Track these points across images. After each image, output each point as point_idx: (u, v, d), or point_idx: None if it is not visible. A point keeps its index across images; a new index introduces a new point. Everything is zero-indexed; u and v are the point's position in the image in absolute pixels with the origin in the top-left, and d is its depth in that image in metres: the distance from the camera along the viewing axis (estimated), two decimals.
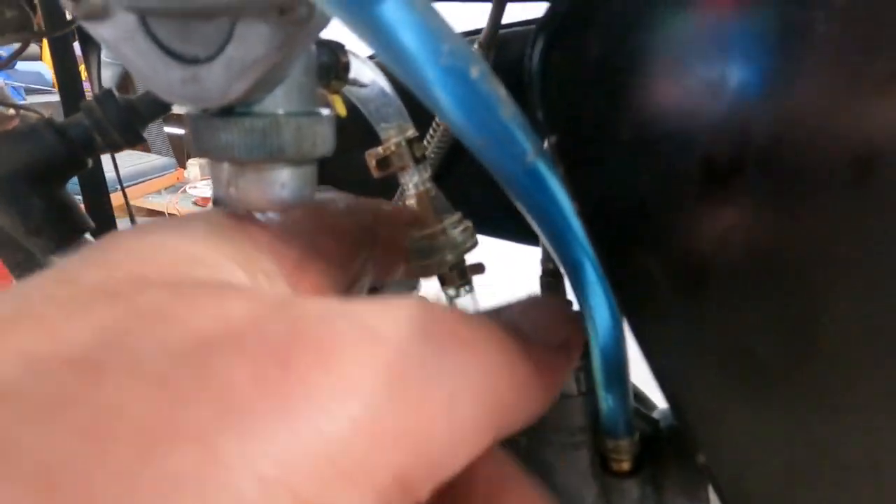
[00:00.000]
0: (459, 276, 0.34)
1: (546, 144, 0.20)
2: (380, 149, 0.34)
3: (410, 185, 0.33)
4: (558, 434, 0.36)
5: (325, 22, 0.19)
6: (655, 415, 0.38)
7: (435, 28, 0.14)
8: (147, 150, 3.08)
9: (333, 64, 0.29)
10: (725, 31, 0.19)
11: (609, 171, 0.19)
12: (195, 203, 2.76)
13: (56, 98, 0.89)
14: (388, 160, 0.34)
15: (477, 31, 0.47)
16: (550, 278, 0.37)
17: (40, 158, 0.37)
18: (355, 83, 0.31)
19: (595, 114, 0.19)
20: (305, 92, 0.23)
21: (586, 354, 0.34)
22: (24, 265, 0.60)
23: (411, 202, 0.34)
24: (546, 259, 0.37)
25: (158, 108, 0.40)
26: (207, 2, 0.18)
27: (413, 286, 0.50)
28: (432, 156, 0.47)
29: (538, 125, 0.18)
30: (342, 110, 0.34)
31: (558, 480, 0.37)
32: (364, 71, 0.32)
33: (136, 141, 0.39)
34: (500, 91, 0.16)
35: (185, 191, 2.83)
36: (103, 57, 0.88)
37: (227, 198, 0.25)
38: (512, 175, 0.18)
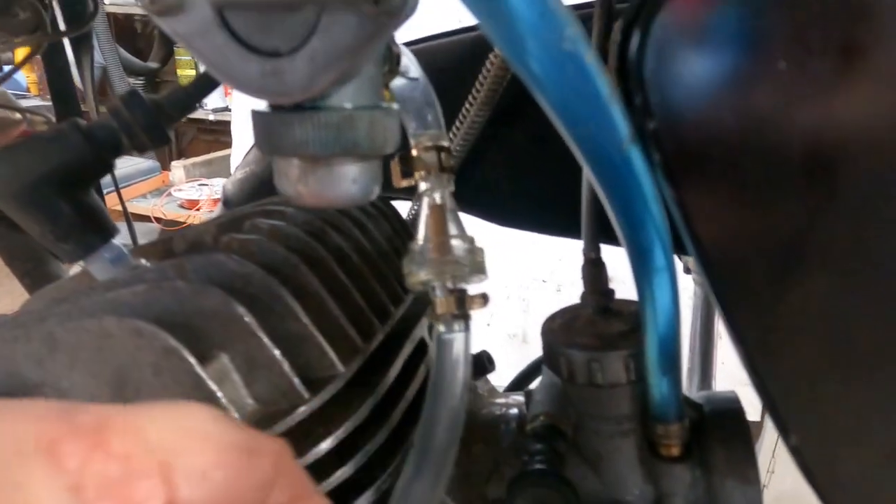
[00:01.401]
0: (457, 304, 0.31)
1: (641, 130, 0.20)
2: (409, 153, 0.32)
3: (428, 195, 0.32)
4: (606, 423, 0.36)
5: (412, 11, 0.19)
6: (699, 399, 0.38)
7: (560, 11, 0.14)
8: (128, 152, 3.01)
9: (388, 55, 0.28)
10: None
11: (712, 161, 0.19)
12: (181, 206, 2.72)
13: (33, 103, 0.86)
14: (415, 166, 0.32)
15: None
16: (593, 267, 0.37)
17: (68, 162, 0.36)
18: (405, 75, 0.31)
19: (696, 102, 0.19)
20: (375, 85, 0.23)
21: (637, 342, 0.34)
22: (34, 274, 0.58)
23: (423, 212, 0.32)
24: (589, 249, 0.37)
25: (185, 107, 0.39)
26: None
27: None
28: (458, 148, 0.47)
29: (634, 111, 0.18)
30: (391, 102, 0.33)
31: (605, 468, 0.37)
32: (411, 66, 0.31)
33: (162, 142, 0.38)
34: (607, 78, 0.16)
35: (170, 194, 2.78)
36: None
37: (295, 195, 0.24)
38: (607, 160, 0.18)
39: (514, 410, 0.43)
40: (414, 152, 0.33)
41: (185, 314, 0.30)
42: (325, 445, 0.31)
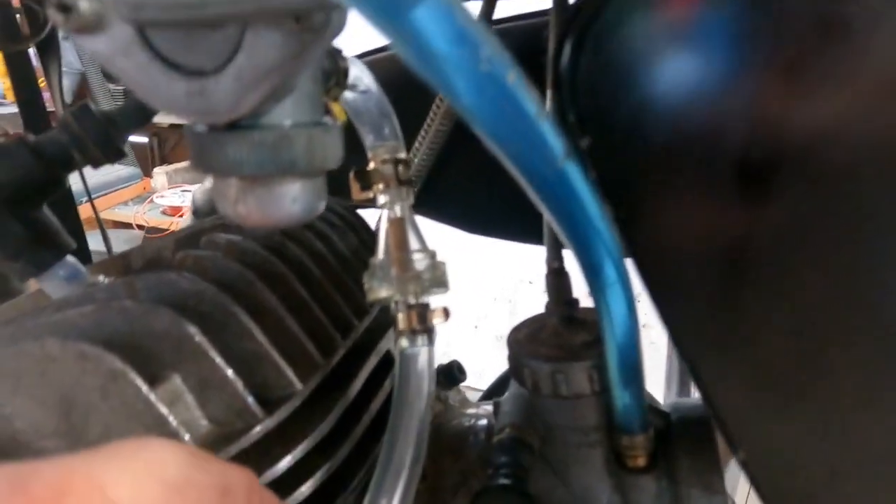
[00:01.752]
0: (419, 319, 0.31)
1: (575, 147, 0.20)
2: (366, 167, 0.32)
3: (388, 209, 0.31)
4: (573, 434, 0.36)
5: (339, 29, 0.18)
6: (666, 408, 0.38)
7: (474, 33, 0.13)
8: None
9: (333, 70, 0.28)
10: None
11: (644, 172, 0.19)
12: (164, 212, 2.69)
13: (10, 110, 0.85)
14: (372, 179, 0.32)
15: None
16: (556, 277, 0.37)
17: (15, 179, 0.35)
18: (354, 88, 0.30)
19: (628, 116, 0.18)
20: (314, 101, 0.22)
21: (599, 354, 0.33)
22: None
23: (384, 227, 0.31)
24: (552, 258, 0.36)
25: (138, 120, 0.38)
26: (215, 10, 0.17)
27: None
28: (424, 157, 0.46)
29: (568, 127, 0.18)
30: (342, 116, 0.33)
31: (573, 480, 0.37)
32: (362, 78, 0.31)
33: (116, 156, 0.37)
34: (534, 95, 0.15)
35: (152, 200, 2.75)
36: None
37: (234, 216, 0.23)
38: (542, 178, 0.18)
39: (483, 421, 0.42)
40: (371, 165, 0.33)
41: (136, 335, 0.29)
42: (284, 464, 0.31)
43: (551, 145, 0.17)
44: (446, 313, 0.32)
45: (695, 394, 0.77)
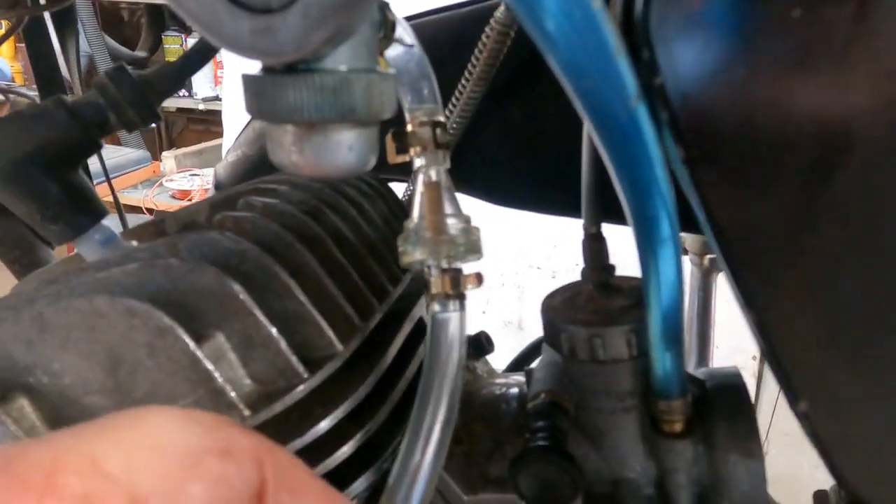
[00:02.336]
0: (451, 284, 0.30)
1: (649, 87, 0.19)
2: (404, 129, 0.31)
3: (423, 173, 0.31)
4: (608, 399, 0.36)
5: None
6: (700, 375, 0.38)
7: None
8: (118, 143, 2.98)
9: (382, 21, 0.28)
10: None
11: (721, 121, 0.19)
12: (173, 196, 2.69)
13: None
14: (409, 142, 0.32)
15: None
16: (593, 242, 0.37)
17: (54, 140, 0.35)
18: (402, 42, 0.30)
19: (707, 56, 0.18)
20: (370, 48, 0.22)
21: (638, 318, 0.33)
22: (23, 261, 0.57)
23: (419, 189, 0.31)
24: (590, 223, 0.36)
25: (174, 83, 0.38)
26: None
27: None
28: (454, 126, 0.46)
29: (642, 66, 0.18)
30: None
31: (607, 446, 0.37)
32: (406, 35, 0.30)
33: (152, 119, 0.37)
34: (614, 27, 0.15)
35: (161, 184, 2.75)
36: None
37: (289, 165, 0.23)
38: (613, 118, 0.17)
39: (515, 390, 0.43)
40: (409, 127, 0.32)
41: (180, 293, 0.29)
42: (324, 425, 0.31)
43: (626, 82, 0.16)
44: (479, 279, 0.32)
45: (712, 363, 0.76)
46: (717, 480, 0.35)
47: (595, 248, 0.36)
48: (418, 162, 0.32)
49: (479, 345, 0.47)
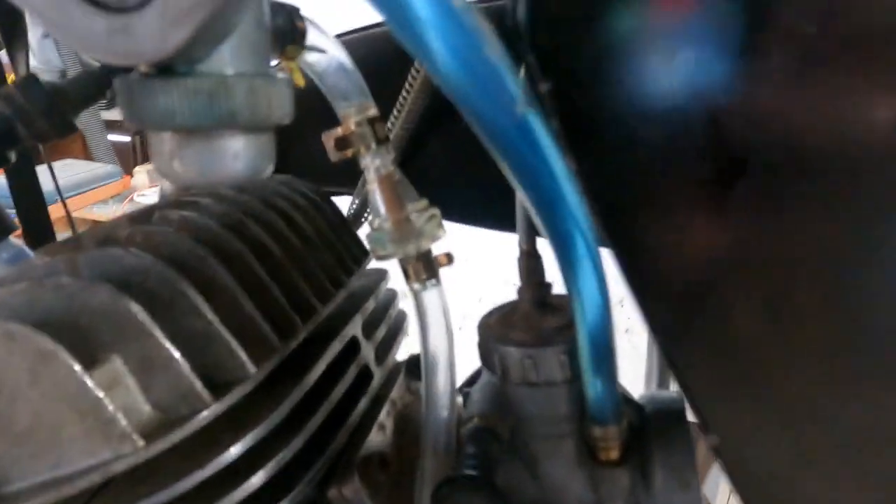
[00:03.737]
0: (425, 268, 0.32)
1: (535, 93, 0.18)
2: (339, 129, 0.31)
3: (372, 169, 0.31)
4: (543, 424, 0.34)
5: None
6: (640, 400, 0.36)
7: None
8: (91, 158, 2.93)
9: (289, 28, 0.26)
10: None
11: (609, 123, 0.17)
12: None
13: None
14: (348, 141, 0.31)
15: None
16: (527, 259, 0.35)
17: None
18: (313, 49, 0.29)
19: (593, 59, 0.17)
20: (258, 50, 0.21)
21: (572, 339, 0.32)
22: None
23: (373, 187, 0.31)
24: (523, 240, 0.35)
25: (91, 91, 0.36)
26: None
27: (381, 278, 0.47)
28: (398, 140, 0.45)
29: (529, 72, 0.17)
30: (300, 80, 0.31)
31: (543, 473, 0.35)
32: (321, 39, 0.29)
33: (66, 130, 0.35)
34: (486, 28, 0.14)
35: (132, 199, 2.70)
36: (36, 63, 0.82)
37: (170, 173, 0.22)
38: (499, 127, 0.16)
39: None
40: (339, 130, 0.31)
41: (72, 313, 0.27)
42: (234, 451, 0.29)
43: (508, 87, 0.15)
44: (449, 258, 0.32)
45: (673, 387, 0.76)
46: None
47: (529, 264, 0.35)
48: (365, 161, 0.32)
49: (419, 366, 0.46)
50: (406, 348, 0.48)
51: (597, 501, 0.34)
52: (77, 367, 0.25)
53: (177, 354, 0.27)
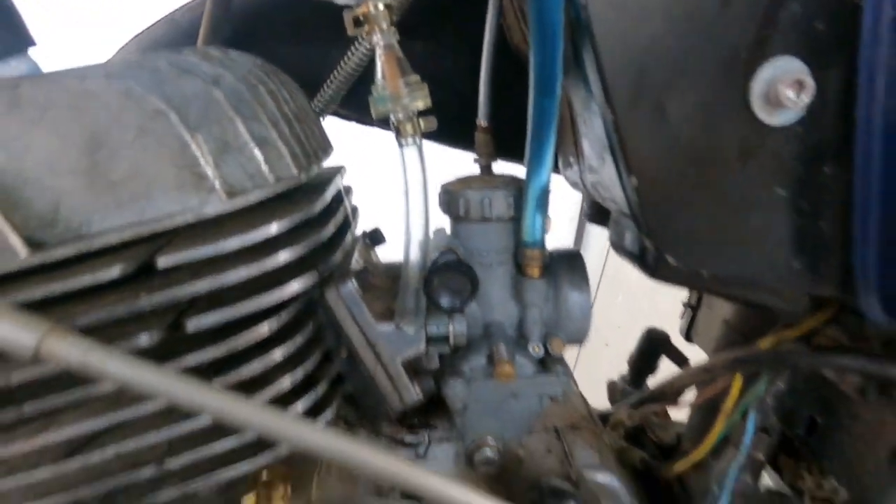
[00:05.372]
0: (412, 127, 0.42)
1: None
2: (358, 10, 0.41)
3: (382, 45, 0.41)
4: (489, 255, 0.47)
5: None
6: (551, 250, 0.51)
7: None
8: None
9: None
10: None
11: None
12: None
13: None
14: (366, 20, 0.41)
15: None
16: (484, 134, 0.48)
17: None
18: None
19: None
20: None
21: (517, 188, 0.46)
22: None
23: (381, 60, 0.41)
24: (484, 119, 0.48)
25: None
26: None
27: (338, 170, 0.56)
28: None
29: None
30: None
31: (483, 293, 0.48)
32: None
33: None
34: None
35: None
36: None
37: None
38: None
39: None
40: (364, 10, 0.41)
41: (166, 94, 0.33)
42: (275, 228, 0.36)
43: None
44: (431, 122, 0.41)
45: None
46: (558, 317, 0.48)
47: (486, 139, 0.48)
48: (376, 38, 0.41)
49: (375, 237, 0.56)
50: None
51: (521, 311, 0.48)
52: (183, 128, 0.32)
53: (250, 140, 0.35)
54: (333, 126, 0.62)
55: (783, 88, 0.33)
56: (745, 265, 0.37)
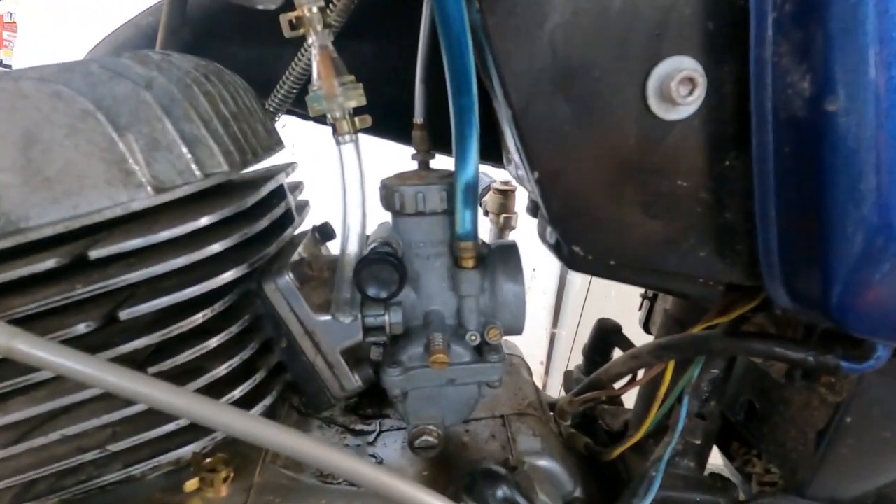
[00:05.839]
0: (348, 126, 0.45)
1: None
2: (292, 14, 0.43)
3: (317, 46, 0.44)
4: (426, 247, 0.49)
5: None
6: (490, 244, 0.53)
7: None
8: None
9: None
10: None
11: None
12: None
13: None
14: (301, 22, 0.43)
15: None
16: (420, 131, 0.50)
17: None
18: None
19: None
20: None
21: (449, 184, 0.48)
22: None
23: (316, 60, 0.43)
24: (420, 116, 0.50)
25: None
26: None
27: (289, 165, 0.58)
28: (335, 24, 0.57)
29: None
30: None
31: (422, 284, 0.50)
32: None
33: None
34: None
35: None
36: None
37: None
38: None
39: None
40: (299, 14, 0.43)
41: (97, 95, 0.36)
42: (205, 221, 0.38)
43: None
44: (367, 120, 0.43)
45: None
46: (495, 307, 0.50)
47: (422, 135, 0.50)
48: (311, 39, 0.43)
49: (325, 231, 0.58)
50: None
51: (458, 301, 0.50)
52: (110, 127, 0.34)
53: (178, 138, 0.37)
54: (308, 125, 0.64)
55: (675, 86, 0.35)
56: (652, 255, 0.39)
